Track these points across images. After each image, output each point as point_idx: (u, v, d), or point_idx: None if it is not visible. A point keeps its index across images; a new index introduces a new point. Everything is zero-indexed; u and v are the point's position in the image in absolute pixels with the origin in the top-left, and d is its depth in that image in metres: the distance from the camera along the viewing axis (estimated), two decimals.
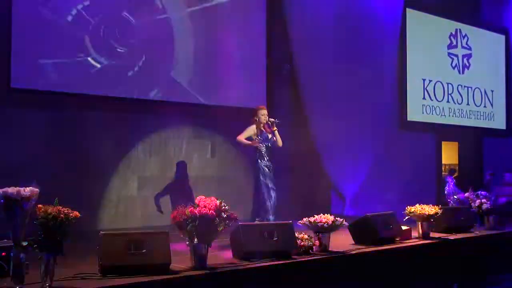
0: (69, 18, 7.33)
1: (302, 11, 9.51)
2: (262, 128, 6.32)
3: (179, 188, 8.10)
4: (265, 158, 6.25)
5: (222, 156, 8.89)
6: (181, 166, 8.29)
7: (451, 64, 12.49)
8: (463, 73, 12.73)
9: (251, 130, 6.29)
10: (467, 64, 12.85)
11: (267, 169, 6.22)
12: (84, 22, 7.42)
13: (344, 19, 9.87)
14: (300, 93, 9.50)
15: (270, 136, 6.32)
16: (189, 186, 8.21)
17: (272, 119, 6.35)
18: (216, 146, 8.85)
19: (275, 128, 6.35)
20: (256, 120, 6.31)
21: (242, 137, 6.28)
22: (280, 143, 6.41)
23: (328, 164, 9.47)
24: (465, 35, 12.84)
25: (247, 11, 9.14)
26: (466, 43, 12.88)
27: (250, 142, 6.26)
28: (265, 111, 6.37)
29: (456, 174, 11.89)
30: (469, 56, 12.91)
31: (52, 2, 7.19)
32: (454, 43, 12.63)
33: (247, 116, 6.55)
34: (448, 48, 12.48)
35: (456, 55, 12.63)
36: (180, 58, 8.38)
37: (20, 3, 6.92)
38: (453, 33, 12.62)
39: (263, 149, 6.24)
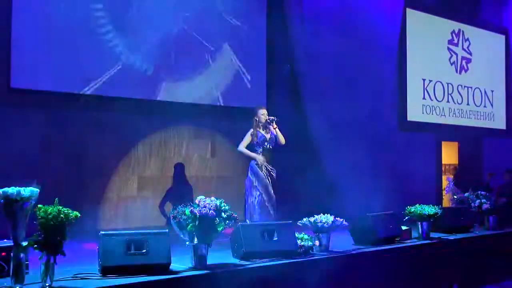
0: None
1: (302, 11, 9.51)
2: (259, 130, 6.31)
3: (179, 188, 8.10)
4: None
5: (222, 156, 8.89)
6: (181, 166, 8.28)
7: (450, 60, 12.47)
8: (460, 73, 12.72)
9: (249, 135, 6.30)
10: (465, 67, 12.84)
11: (258, 169, 6.23)
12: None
13: (344, 19, 9.87)
14: (300, 93, 9.50)
15: (268, 136, 6.32)
16: (189, 186, 8.22)
17: (271, 117, 6.38)
18: (216, 146, 8.85)
19: (275, 126, 6.36)
20: (256, 120, 6.33)
21: (243, 146, 6.31)
22: (282, 140, 6.42)
23: (328, 164, 9.46)
24: (467, 39, 12.83)
25: (247, 11, 9.14)
26: (467, 47, 12.87)
27: (252, 154, 6.27)
28: (264, 111, 6.41)
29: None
30: (468, 60, 12.89)
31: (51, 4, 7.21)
32: (456, 41, 12.62)
33: (247, 116, 6.56)
34: (449, 43, 12.47)
35: (456, 54, 12.62)
36: (180, 58, 8.38)
37: (20, 5, 6.92)
38: (456, 31, 12.62)
39: (259, 150, 6.27)
